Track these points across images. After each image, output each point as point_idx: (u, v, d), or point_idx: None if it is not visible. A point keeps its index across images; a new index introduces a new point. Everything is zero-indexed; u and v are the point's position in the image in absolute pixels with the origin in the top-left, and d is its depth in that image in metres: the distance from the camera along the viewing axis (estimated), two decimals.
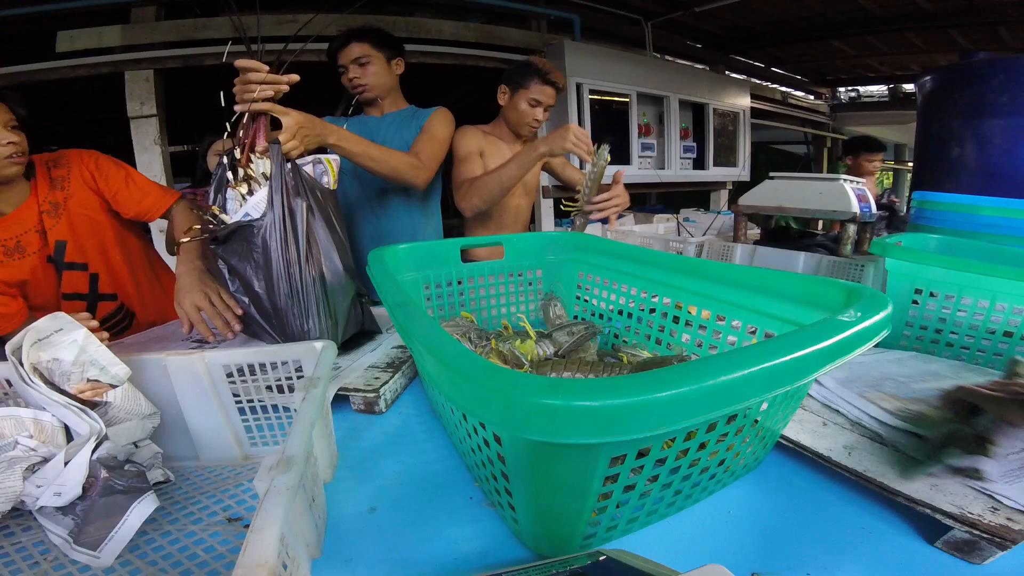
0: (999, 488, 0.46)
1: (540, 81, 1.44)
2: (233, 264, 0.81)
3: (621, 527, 0.45)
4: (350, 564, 0.44)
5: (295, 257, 0.79)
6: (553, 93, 1.47)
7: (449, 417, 0.57)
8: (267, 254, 0.78)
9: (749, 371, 0.32)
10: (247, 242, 0.79)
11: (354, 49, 1.30)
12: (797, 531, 0.47)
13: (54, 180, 1.04)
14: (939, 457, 0.49)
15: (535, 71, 1.44)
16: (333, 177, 0.90)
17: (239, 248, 0.80)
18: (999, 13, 3.44)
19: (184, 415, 0.58)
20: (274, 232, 0.78)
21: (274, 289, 0.79)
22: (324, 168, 0.89)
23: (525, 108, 1.47)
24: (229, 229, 0.78)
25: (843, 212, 1.46)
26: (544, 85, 1.44)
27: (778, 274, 0.59)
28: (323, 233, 0.84)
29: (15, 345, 0.48)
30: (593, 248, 0.95)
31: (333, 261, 0.85)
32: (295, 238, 0.79)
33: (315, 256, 0.82)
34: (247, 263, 0.80)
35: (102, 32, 2.44)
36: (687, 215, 2.72)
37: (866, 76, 5.65)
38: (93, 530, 0.42)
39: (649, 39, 3.88)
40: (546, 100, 1.47)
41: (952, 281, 0.82)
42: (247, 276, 0.80)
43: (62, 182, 1.04)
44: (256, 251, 0.78)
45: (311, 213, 0.82)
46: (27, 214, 1.00)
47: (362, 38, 1.31)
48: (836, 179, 1.51)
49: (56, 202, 1.03)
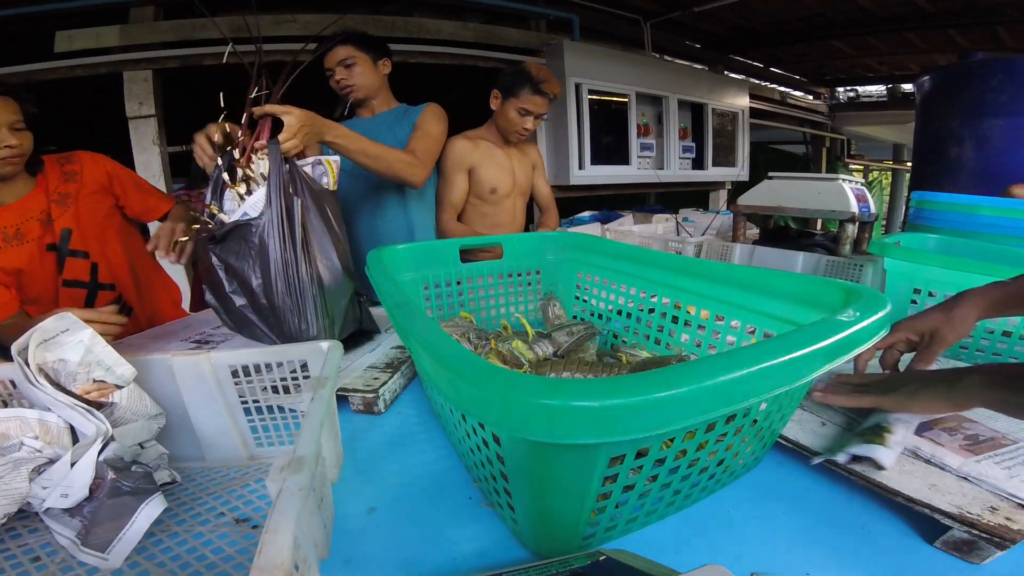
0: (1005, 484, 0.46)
1: (531, 91, 1.42)
2: (231, 263, 0.81)
3: (620, 527, 0.45)
4: (349, 564, 0.45)
5: (292, 256, 0.79)
6: (545, 103, 1.45)
7: (448, 417, 0.57)
8: (264, 252, 0.78)
9: (748, 371, 0.32)
10: (244, 241, 0.79)
11: (339, 52, 1.32)
12: (797, 531, 0.47)
13: (67, 174, 1.09)
14: (842, 445, 0.52)
15: (528, 79, 1.42)
16: (333, 178, 0.90)
17: (237, 247, 0.80)
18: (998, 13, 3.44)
19: (190, 416, 0.58)
20: (271, 230, 0.78)
21: (272, 287, 0.79)
22: (324, 169, 0.89)
23: (514, 117, 1.46)
24: (227, 228, 0.79)
25: (842, 212, 1.46)
26: (535, 95, 1.42)
27: (777, 274, 0.59)
28: (321, 232, 0.84)
29: (21, 346, 0.48)
30: (592, 248, 0.95)
31: (331, 260, 0.85)
32: (292, 236, 0.79)
33: (312, 255, 0.82)
34: (245, 262, 0.80)
35: (100, 32, 2.44)
36: (686, 215, 2.72)
37: (865, 76, 5.65)
38: (101, 532, 0.42)
39: (648, 39, 3.88)
40: (536, 110, 1.45)
41: (951, 281, 0.82)
42: (245, 275, 0.80)
43: (75, 176, 1.09)
44: (253, 249, 0.79)
45: (309, 212, 0.82)
46: (31, 204, 1.04)
47: (345, 41, 1.32)
48: (835, 179, 1.52)
49: (67, 193, 1.07)
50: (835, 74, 5.71)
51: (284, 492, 0.31)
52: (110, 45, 2.45)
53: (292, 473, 0.32)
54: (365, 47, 1.35)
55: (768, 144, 6.79)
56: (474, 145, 1.50)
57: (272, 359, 0.58)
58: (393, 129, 1.38)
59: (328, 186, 0.89)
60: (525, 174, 1.65)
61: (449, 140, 1.46)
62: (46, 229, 1.04)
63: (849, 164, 6.75)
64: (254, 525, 0.49)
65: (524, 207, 1.72)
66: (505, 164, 1.56)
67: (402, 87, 1.46)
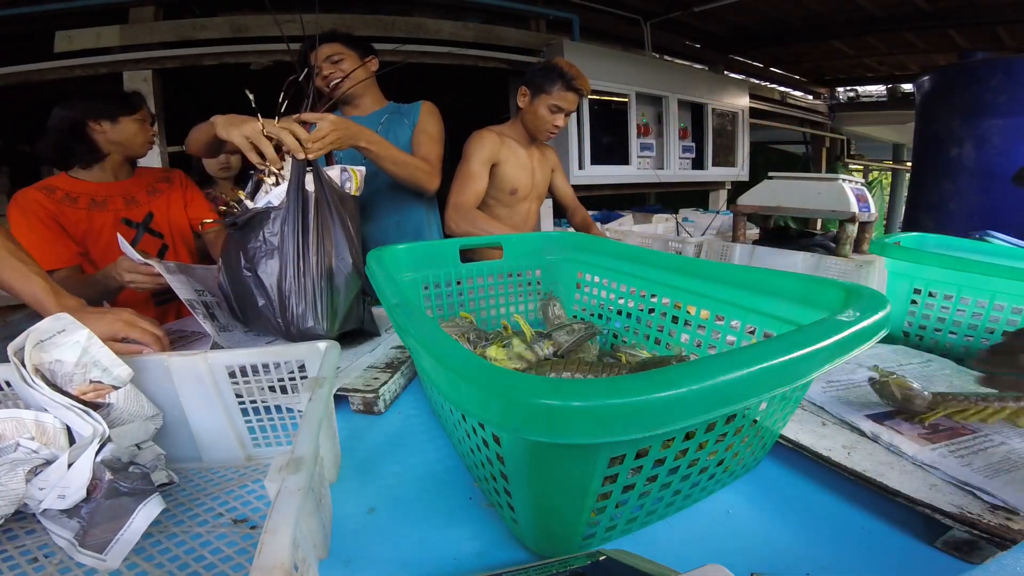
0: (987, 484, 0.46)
1: (564, 87, 1.40)
2: (248, 246, 0.87)
3: (620, 527, 0.45)
4: (349, 565, 0.44)
5: (303, 245, 0.85)
6: (576, 99, 1.43)
7: (448, 417, 0.57)
8: (281, 239, 0.85)
9: (748, 371, 0.32)
10: (263, 227, 0.85)
11: (325, 49, 1.31)
12: (797, 531, 0.47)
13: (163, 177, 1.41)
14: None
15: (559, 75, 1.39)
16: (355, 184, 0.95)
17: (256, 232, 0.86)
18: (998, 13, 3.44)
19: (187, 416, 0.58)
20: (289, 218, 0.84)
21: (283, 272, 0.85)
22: (349, 176, 0.94)
23: (545, 114, 1.43)
24: (249, 215, 0.86)
25: (842, 212, 1.46)
26: (568, 92, 1.40)
27: (777, 274, 0.59)
28: (334, 229, 0.88)
29: (17, 346, 0.48)
30: (592, 248, 0.95)
31: (342, 256, 0.89)
32: (304, 228, 0.85)
33: (326, 248, 0.87)
34: (260, 246, 0.86)
35: (100, 32, 2.44)
36: (686, 215, 2.72)
37: (865, 76, 5.65)
38: (99, 532, 0.42)
39: (648, 39, 3.88)
40: (568, 107, 1.43)
41: (951, 281, 0.82)
42: (258, 259, 0.86)
43: (171, 182, 1.41)
44: (272, 235, 0.85)
45: (324, 208, 0.87)
46: (127, 185, 1.33)
47: (331, 38, 1.32)
48: (835, 179, 1.51)
49: (159, 189, 1.38)
50: (835, 74, 5.72)
51: (283, 492, 0.30)
52: (110, 45, 2.46)
53: (291, 473, 0.32)
54: (351, 44, 1.34)
55: (768, 144, 6.80)
56: (501, 141, 1.47)
57: (270, 359, 0.57)
58: (392, 129, 1.37)
59: (350, 191, 0.93)
60: (544, 177, 1.61)
61: (479, 132, 1.46)
62: (129, 206, 1.31)
63: (849, 164, 6.75)
64: (252, 526, 0.49)
65: (537, 212, 1.68)
66: (527, 165, 1.53)
67: (403, 87, 1.45)
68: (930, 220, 3.20)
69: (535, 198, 1.61)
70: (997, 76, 2.83)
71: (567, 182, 1.72)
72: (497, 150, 1.46)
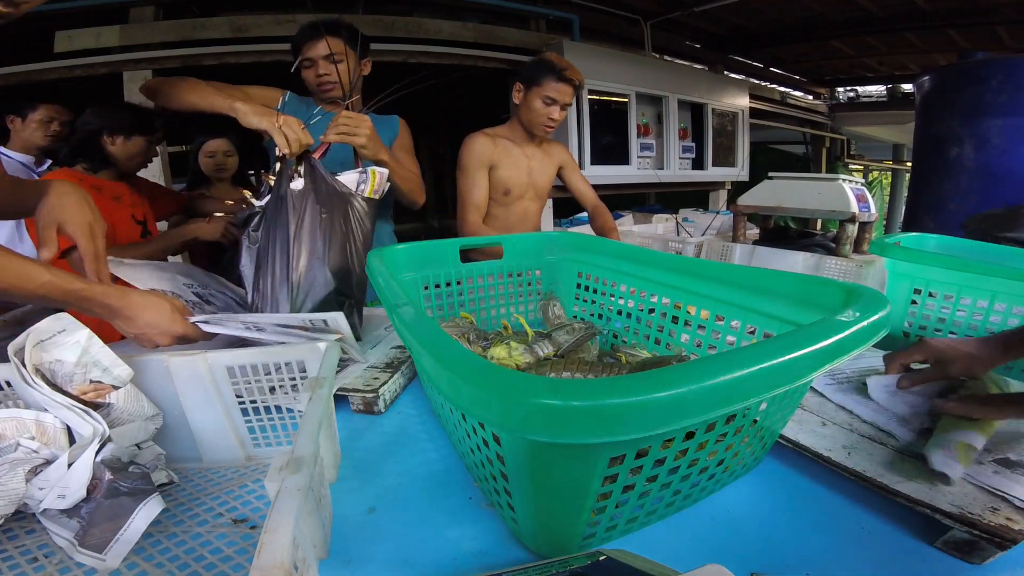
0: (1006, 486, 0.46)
1: (555, 78, 1.40)
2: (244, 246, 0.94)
3: (620, 527, 0.45)
4: (350, 565, 0.44)
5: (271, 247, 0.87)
6: (570, 91, 1.43)
7: (448, 417, 0.57)
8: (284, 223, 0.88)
9: (748, 371, 0.32)
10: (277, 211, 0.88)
11: (327, 44, 1.20)
12: (797, 531, 0.47)
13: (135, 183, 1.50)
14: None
15: (550, 68, 1.40)
16: (371, 186, 0.94)
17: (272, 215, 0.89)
18: (998, 13, 3.45)
19: (187, 416, 0.58)
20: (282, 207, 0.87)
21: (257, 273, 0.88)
22: (366, 177, 0.93)
23: (539, 107, 1.43)
24: (247, 214, 0.93)
25: (842, 212, 1.46)
26: (560, 83, 1.40)
27: (777, 274, 0.59)
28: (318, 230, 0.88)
29: (17, 346, 0.48)
30: (592, 248, 0.95)
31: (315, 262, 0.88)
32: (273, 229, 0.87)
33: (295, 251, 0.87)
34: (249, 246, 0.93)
35: (100, 32, 2.43)
36: (686, 215, 2.72)
37: (865, 76, 5.65)
38: (98, 532, 0.42)
39: (648, 39, 3.88)
40: (562, 98, 1.43)
41: (951, 281, 0.82)
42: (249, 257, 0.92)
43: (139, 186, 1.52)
44: (281, 218, 0.88)
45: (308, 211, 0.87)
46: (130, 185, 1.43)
47: (336, 33, 1.21)
48: (835, 179, 1.52)
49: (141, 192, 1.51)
50: (835, 74, 5.72)
51: (283, 492, 0.30)
52: (110, 45, 2.45)
53: (291, 473, 0.32)
54: (354, 43, 1.24)
55: (768, 144, 6.80)
56: (493, 143, 1.47)
57: (270, 359, 0.58)
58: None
59: (363, 192, 0.93)
60: (545, 176, 1.59)
61: (469, 137, 1.45)
62: (134, 205, 1.42)
63: (849, 164, 6.75)
64: (252, 525, 0.49)
65: (539, 212, 1.65)
66: (521, 163, 1.52)
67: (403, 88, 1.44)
68: (930, 220, 3.20)
69: (533, 198, 1.59)
70: (997, 76, 2.83)
71: (583, 180, 1.67)
72: (490, 152, 1.46)
